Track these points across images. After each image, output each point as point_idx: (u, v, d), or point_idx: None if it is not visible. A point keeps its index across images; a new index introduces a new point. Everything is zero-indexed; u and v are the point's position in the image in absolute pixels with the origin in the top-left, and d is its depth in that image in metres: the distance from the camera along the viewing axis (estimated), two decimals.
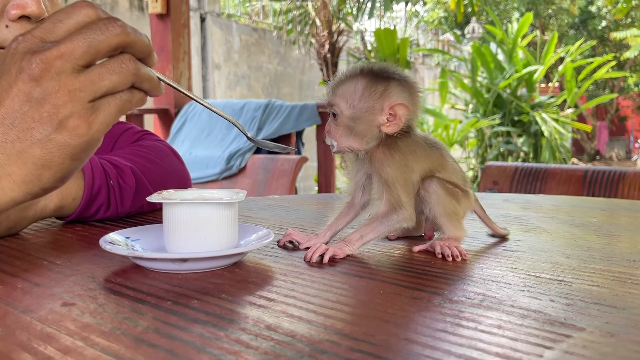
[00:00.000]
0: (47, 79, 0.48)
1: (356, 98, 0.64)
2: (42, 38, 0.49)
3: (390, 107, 0.63)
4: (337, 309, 0.46)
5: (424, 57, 10.93)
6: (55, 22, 0.49)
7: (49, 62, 0.47)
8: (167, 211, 0.59)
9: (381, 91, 0.63)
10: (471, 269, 0.59)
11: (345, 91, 0.64)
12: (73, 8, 0.50)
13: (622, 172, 1.61)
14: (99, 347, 0.38)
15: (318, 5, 6.08)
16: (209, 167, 3.23)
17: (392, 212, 0.64)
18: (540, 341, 0.39)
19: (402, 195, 0.64)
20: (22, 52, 0.48)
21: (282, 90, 7.27)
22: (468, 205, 0.70)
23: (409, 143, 0.65)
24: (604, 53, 13.74)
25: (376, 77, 0.64)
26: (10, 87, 0.48)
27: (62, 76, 0.48)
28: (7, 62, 0.49)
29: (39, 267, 0.59)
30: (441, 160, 0.67)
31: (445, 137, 6.48)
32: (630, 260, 0.62)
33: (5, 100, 0.48)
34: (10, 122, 0.48)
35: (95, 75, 0.49)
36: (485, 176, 1.83)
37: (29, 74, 0.48)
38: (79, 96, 0.48)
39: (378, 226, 0.64)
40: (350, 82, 0.64)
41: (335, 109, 0.65)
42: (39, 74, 0.47)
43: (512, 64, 7.13)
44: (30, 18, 0.66)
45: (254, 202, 1.06)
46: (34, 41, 0.49)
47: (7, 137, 0.49)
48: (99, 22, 0.49)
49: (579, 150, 14.31)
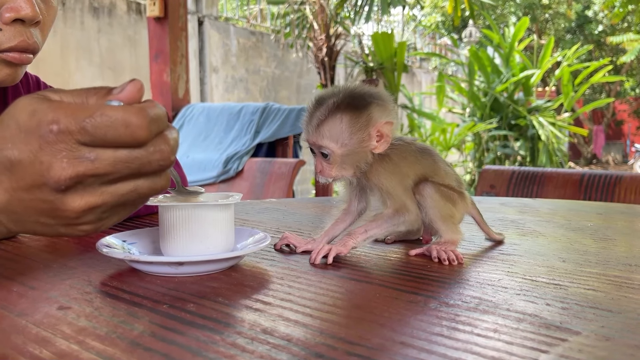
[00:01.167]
0: (71, 191, 0.44)
1: (346, 136, 0.62)
2: (79, 141, 0.42)
3: (377, 130, 0.63)
4: (333, 312, 0.46)
5: (421, 61, 10.96)
6: (98, 130, 0.42)
7: (78, 180, 0.43)
8: (163, 214, 0.59)
9: (366, 120, 0.63)
10: (467, 272, 0.59)
11: (331, 131, 0.63)
12: (125, 123, 0.42)
13: (619, 176, 1.62)
14: (95, 351, 0.38)
15: (316, 9, 6.09)
16: (207, 170, 3.23)
17: (398, 214, 0.65)
18: (536, 345, 0.39)
19: (405, 199, 0.65)
20: (51, 153, 0.42)
21: (279, 94, 7.27)
22: (464, 207, 0.70)
23: (399, 151, 0.66)
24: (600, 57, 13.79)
25: (356, 107, 0.63)
26: (28, 177, 0.43)
27: (86, 191, 0.44)
28: (31, 143, 0.43)
29: (35, 271, 0.59)
30: (433, 165, 0.68)
31: (442, 140, 6.49)
32: (626, 264, 0.62)
33: (20, 182, 0.44)
34: (20, 199, 0.45)
35: (122, 196, 0.45)
36: (482, 180, 1.83)
37: (55, 187, 0.43)
38: (97, 211, 0.45)
39: (383, 224, 0.64)
40: (333, 120, 0.62)
41: (325, 150, 0.63)
42: (65, 188, 0.43)
43: (509, 68, 7.15)
44: (24, 21, 0.65)
45: (251, 205, 1.06)
46: (69, 145, 0.42)
47: (12, 207, 0.46)
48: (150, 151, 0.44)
49: (576, 154, 14.34)
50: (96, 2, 5.23)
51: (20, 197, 0.45)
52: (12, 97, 0.81)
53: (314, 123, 0.63)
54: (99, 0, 5.27)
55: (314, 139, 0.64)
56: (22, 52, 0.67)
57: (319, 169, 0.65)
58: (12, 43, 0.65)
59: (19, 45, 0.66)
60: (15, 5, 0.63)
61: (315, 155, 0.65)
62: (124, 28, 5.47)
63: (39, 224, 0.47)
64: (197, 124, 3.52)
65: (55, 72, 4.69)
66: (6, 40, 0.65)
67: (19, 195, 0.45)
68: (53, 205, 0.44)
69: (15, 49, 0.66)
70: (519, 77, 6.92)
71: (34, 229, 0.48)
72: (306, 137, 0.65)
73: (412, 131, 6.77)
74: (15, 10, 0.64)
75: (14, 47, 0.66)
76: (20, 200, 0.45)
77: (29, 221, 0.47)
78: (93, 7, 5.21)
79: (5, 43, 0.65)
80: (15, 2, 0.64)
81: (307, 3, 6.14)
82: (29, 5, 0.64)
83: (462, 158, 7.19)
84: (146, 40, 3.89)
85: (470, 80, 7.11)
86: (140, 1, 5.61)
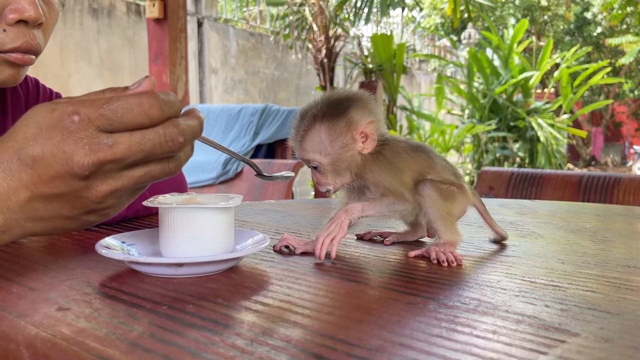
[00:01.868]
0: (93, 177, 0.47)
1: (327, 145, 0.64)
2: (98, 127, 0.46)
3: (360, 132, 0.64)
4: (332, 313, 0.46)
5: (420, 63, 10.97)
6: (116, 114, 0.46)
7: (100, 165, 0.46)
8: (163, 216, 0.59)
9: (346, 125, 0.64)
10: (466, 274, 0.59)
11: (313, 144, 0.65)
12: (139, 105, 0.46)
13: (617, 178, 1.62)
14: (94, 352, 0.38)
15: (315, 11, 6.10)
16: (206, 172, 3.23)
17: (396, 201, 0.65)
18: (534, 346, 0.39)
19: (403, 191, 0.65)
20: (74, 141, 0.46)
21: (278, 95, 7.28)
22: (466, 200, 0.70)
23: (391, 149, 0.66)
24: (599, 59, 13.81)
25: (333, 115, 0.64)
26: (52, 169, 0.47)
27: (107, 176, 0.48)
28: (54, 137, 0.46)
29: (34, 272, 0.58)
30: (429, 161, 0.68)
31: (441, 142, 6.50)
32: (625, 265, 0.62)
33: (42, 174, 0.47)
34: (40, 193, 0.48)
35: (138, 178, 0.49)
36: (481, 181, 1.83)
37: (77, 174, 0.46)
38: (117, 194, 0.49)
39: (380, 205, 0.65)
40: (312, 133, 0.64)
41: (313, 163, 0.66)
42: (87, 175, 0.47)
43: (508, 69, 7.15)
44: (28, 22, 0.66)
45: (250, 206, 1.06)
46: (90, 132, 0.46)
47: (32, 204, 0.49)
48: (162, 134, 0.47)
49: (575, 155, 14.35)
50: (95, 4, 5.24)
51: (42, 192, 0.48)
52: (10, 99, 0.81)
53: (298, 139, 0.66)
54: (99, 2, 5.27)
55: (301, 155, 0.66)
56: (25, 53, 0.68)
57: (315, 180, 0.67)
58: (16, 44, 0.66)
59: (22, 46, 0.67)
60: (19, 6, 0.64)
61: (311, 169, 0.67)
62: (123, 29, 5.47)
63: (62, 218, 0.50)
64: None
65: (54, 73, 4.69)
66: (9, 41, 0.66)
67: (41, 190, 0.48)
68: (78, 194, 0.48)
69: (18, 49, 0.67)
70: (518, 78, 6.93)
71: (54, 225, 0.51)
72: (296, 154, 0.67)
73: (411, 132, 6.77)
74: (19, 12, 0.64)
75: (17, 48, 0.66)
76: (42, 195, 0.48)
77: (50, 217, 0.50)
78: (92, 8, 5.21)
79: (8, 44, 0.66)
80: (19, 4, 0.64)
81: (306, 4, 6.14)
82: (32, 7, 0.64)
83: (461, 159, 7.20)
84: (145, 41, 3.89)
85: (469, 81, 7.11)
86: (139, 2, 5.61)
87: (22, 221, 0.49)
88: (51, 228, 0.51)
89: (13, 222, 0.49)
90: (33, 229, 0.51)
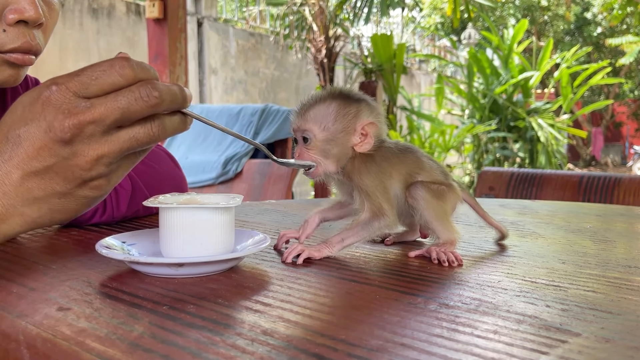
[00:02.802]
0: (77, 142, 0.49)
1: (330, 120, 0.65)
2: (76, 93, 0.49)
3: (362, 127, 0.65)
4: (333, 314, 0.46)
5: (420, 63, 10.97)
6: (91, 76, 0.49)
7: (81, 127, 0.48)
8: (163, 216, 0.59)
9: (354, 112, 0.65)
10: (467, 274, 0.59)
11: (317, 114, 0.65)
12: (111, 66, 0.50)
13: (618, 178, 1.62)
14: (95, 352, 0.38)
15: (315, 11, 6.10)
16: (206, 172, 3.23)
17: (374, 219, 0.64)
18: (536, 346, 0.39)
19: (383, 202, 0.64)
20: (55, 107, 0.48)
21: (278, 95, 7.28)
22: (456, 198, 0.70)
23: (382, 153, 0.67)
24: (599, 59, 13.82)
25: (346, 99, 0.66)
26: (37, 139, 0.49)
27: (92, 140, 0.49)
28: (37, 109, 0.49)
29: (34, 272, 0.58)
30: (417, 161, 0.68)
31: (441, 142, 6.50)
32: (626, 266, 0.62)
33: (29, 148, 0.49)
34: (32, 170, 0.50)
35: (124, 143, 0.50)
36: (482, 182, 1.83)
37: (60, 137, 0.48)
38: (104, 161, 0.50)
39: (360, 231, 0.64)
40: (322, 105, 0.65)
41: (307, 133, 0.65)
42: (70, 138, 0.48)
43: (508, 70, 7.16)
44: (28, 23, 0.66)
45: (250, 207, 1.06)
46: (68, 97, 0.49)
47: (26, 183, 0.50)
48: (135, 91, 0.49)
49: (575, 156, 14.36)
50: (95, 4, 5.24)
51: (33, 167, 0.49)
52: (11, 99, 0.81)
53: (303, 109, 0.66)
54: (98, 2, 5.27)
55: (298, 124, 0.66)
56: (25, 54, 0.68)
57: (297, 153, 0.66)
58: (16, 44, 0.66)
59: (22, 46, 0.67)
60: (19, 7, 0.64)
61: (297, 144, 0.67)
62: (123, 29, 5.47)
63: (56, 195, 0.51)
64: (196, 126, 3.51)
65: (53, 73, 4.66)
66: (10, 41, 0.66)
67: (31, 166, 0.49)
68: (67, 163, 0.49)
69: (18, 50, 0.67)
70: (518, 79, 6.93)
71: (50, 207, 0.51)
72: (291, 125, 0.67)
73: (411, 133, 6.77)
74: (19, 12, 0.64)
75: (17, 48, 0.67)
76: (33, 172, 0.49)
77: (45, 197, 0.51)
78: (92, 8, 5.21)
79: (8, 44, 0.66)
80: (19, 4, 0.64)
81: (306, 5, 6.14)
82: (32, 7, 0.64)
83: (461, 160, 7.20)
84: (145, 41, 3.89)
85: (469, 82, 7.11)
86: (139, 2, 5.61)
87: (19, 206, 0.50)
88: (48, 211, 0.51)
89: (11, 209, 0.50)
90: (31, 215, 0.51)
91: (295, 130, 0.67)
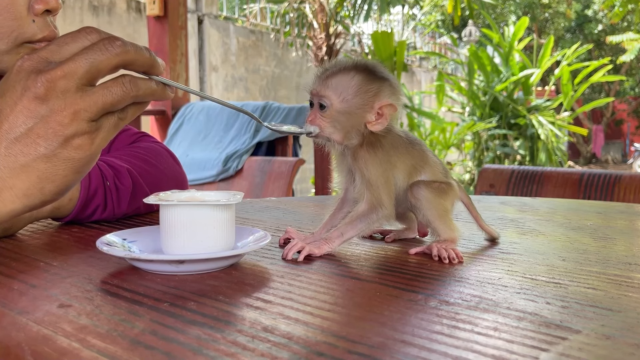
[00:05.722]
0: (53, 97, 0.50)
1: (351, 93, 0.64)
2: (46, 58, 0.51)
3: (380, 107, 0.64)
4: (333, 311, 0.46)
5: (420, 60, 10.96)
6: (60, 44, 0.51)
7: (54, 82, 0.49)
8: (164, 213, 0.59)
9: (375, 90, 0.64)
10: (467, 271, 0.59)
11: (338, 84, 0.64)
12: (78, 32, 0.52)
13: (618, 176, 1.62)
14: (96, 349, 0.38)
15: (315, 8, 6.09)
16: (206, 169, 3.23)
17: (372, 211, 0.64)
18: (536, 343, 0.39)
19: (382, 194, 0.64)
20: (27, 71, 0.50)
21: (279, 93, 7.27)
22: (455, 196, 0.70)
23: (391, 140, 0.66)
24: (600, 57, 13.80)
25: (371, 75, 0.65)
26: (15, 103, 0.50)
27: (67, 95, 0.50)
28: (11, 79, 0.51)
29: (35, 269, 0.59)
30: (422, 155, 0.68)
31: (442, 139, 6.49)
32: (626, 263, 0.62)
33: (9, 115, 0.50)
34: (14, 136, 0.50)
35: (98, 97, 0.51)
36: (482, 179, 1.83)
37: (35, 93, 0.49)
38: (82, 115, 0.51)
39: (358, 224, 0.64)
40: (345, 75, 0.64)
41: (325, 100, 0.64)
42: (45, 93, 0.49)
43: (508, 67, 7.14)
44: (50, 12, 0.69)
45: (251, 204, 1.06)
46: (39, 61, 0.50)
47: (10, 151, 0.50)
48: (99, 43, 0.51)
49: (575, 153, 14.35)
50: (96, 1, 5.23)
51: (14, 133, 0.50)
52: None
53: (325, 74, 0.65)
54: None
55: (318, 89, 0.65)
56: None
57: (311, 118, 0.65)
58: (44, 34, 0.70)
59: (49, 35, 0.70)
60: None
61: (312, 108, 0.66)
62: (123, 27, 5.47)
63: (42, 160, 0.50)
64: (197, 123, 3.52)
65: None
66: (39, 31, 0.69)
67: (13, 132, 0.50)
68: (45, 122, 0.50)
69: (45, 39, 0.70)
70: (519, 76, 6.92)
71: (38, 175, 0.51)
72: (311, 88, 0.66)
73: (411, 130, 6.77)
74: (44, 3, 0.68)
75: (45, 38, 0.70)
76: (15, 138, 0.50)
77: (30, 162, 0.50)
78: (92, 5, 5.21)
79: (38, 34, 0.69)
80: None
81: (306, 2, 6.14)
82: None
83: (462, 157, 7.19)
84: (146, 38, 3.89)
85: (469, 79, 7.11)
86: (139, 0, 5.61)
87: (8, 178, 0.50)
88: (37, 180, 0.51)
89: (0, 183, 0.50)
90: (20, 187, 0.51)
91: (313, 94, 0.65)
